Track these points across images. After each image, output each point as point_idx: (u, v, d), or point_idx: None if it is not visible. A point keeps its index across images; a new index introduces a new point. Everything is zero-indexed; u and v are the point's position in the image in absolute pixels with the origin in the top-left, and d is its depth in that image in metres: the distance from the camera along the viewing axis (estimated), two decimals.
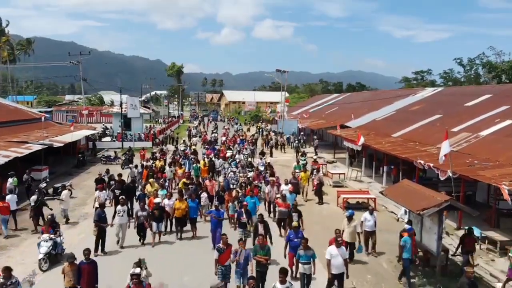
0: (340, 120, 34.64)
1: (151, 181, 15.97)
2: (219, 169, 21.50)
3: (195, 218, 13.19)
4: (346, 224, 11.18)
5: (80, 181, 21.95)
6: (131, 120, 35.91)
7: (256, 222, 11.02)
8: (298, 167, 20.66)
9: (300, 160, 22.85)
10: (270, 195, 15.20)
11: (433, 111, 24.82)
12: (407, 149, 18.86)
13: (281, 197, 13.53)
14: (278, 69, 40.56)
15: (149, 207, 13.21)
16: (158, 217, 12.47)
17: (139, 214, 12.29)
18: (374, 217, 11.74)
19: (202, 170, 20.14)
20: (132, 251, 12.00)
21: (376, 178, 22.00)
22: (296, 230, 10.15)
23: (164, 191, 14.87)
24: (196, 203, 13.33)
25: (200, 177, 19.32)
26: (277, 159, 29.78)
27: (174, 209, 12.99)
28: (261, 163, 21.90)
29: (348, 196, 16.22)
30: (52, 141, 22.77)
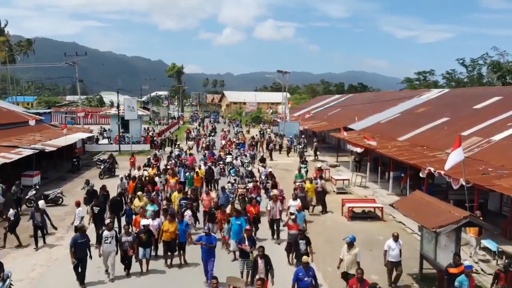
0: (343, 122, 33.73)
1: (139, 195, 13.72)
2: (217, 178, 19.81)
3: (183, 242, 11.07)
4: (346, 251, 9.49)
5: (73, 187, 21.09)
6: (129, 122, 35.05)
7: (256, 257, 9.13)
8: (300, 176, 18.87)
9: (301, 168, 20.93)
10: (273, 212, 12.86)
11: (440, 114, 23.89)
12: (414, 154, 17.95)
13: (290, 216, 11.74)
14: (280, 70, 39.71)
15: (135, 227, 11.51)
16: (145, 242, 10.51)
17: (123, 239, 10.25)
18: (399, 244, 9.92)
19: (195, 179, 17.94)
20: (117, 283, 10.35)
21: (382, 184, 21.09)
22: (306, 266, 8.43)
23: (154, 206, 12.75)
24: (185, 224, 11.23)
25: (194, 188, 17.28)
26: (278, 163, 28.89)
27: (162, 231, 10.93)
28: (265, 171, 19.47)
29: (353, 205, 15.31)
30: (44, 145, 21.96)
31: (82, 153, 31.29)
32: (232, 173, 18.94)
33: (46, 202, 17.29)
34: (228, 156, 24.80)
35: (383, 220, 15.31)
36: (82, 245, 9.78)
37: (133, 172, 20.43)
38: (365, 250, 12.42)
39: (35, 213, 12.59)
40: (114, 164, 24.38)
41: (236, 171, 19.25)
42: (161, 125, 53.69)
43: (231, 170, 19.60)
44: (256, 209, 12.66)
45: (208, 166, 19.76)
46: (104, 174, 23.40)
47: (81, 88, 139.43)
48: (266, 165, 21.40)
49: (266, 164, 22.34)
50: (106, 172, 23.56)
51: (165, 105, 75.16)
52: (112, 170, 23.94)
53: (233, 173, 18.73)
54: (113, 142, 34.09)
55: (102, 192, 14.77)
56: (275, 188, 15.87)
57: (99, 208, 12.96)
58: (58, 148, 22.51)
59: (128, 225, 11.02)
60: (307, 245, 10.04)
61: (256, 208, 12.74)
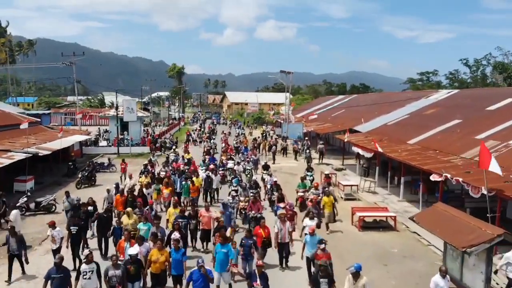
0: (348, 124, 32.76)
1: (128, 211, 11.51)
2: (217, 187, 17.95)
3: (180, 275, 9.01)
4: (352, 283, 7.71)
5: (91, 187, 20.36)
6: (128, 123, 34.14)
7: None
8: (303, 185, 16.86)
9: (306, 176, 19.03)
10: (281, 235, 10.54)
11: (451, 116, 22.88)
12: (427, 159, 16.96)
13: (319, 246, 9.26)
14: (283, 70, 38.73)
15: (119, 254, 9.49)
16: (133, 275, 8.54)
17: (110, 273, 8.27)
18: (447, 281, 7.93)
19: (191, 189, 16.16)
20: None
21: (392, 189, 20.10)
22: None
23: (147, 225, 10.78)
24: (182, 253, 9.15)
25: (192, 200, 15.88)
26: (281, 166, 27.92)
27: (150, 261, 8.88)
28: (270, 180, 17.46)
29: (364, 214, 14.33)
30: (39, 149, 21.02)
31: (80, 156, 30.41)
32: (234, 182, 16.96)
33: (38, 209, 16.58)
34: (229, 162, 23.21)
35: (396, 230, 14.34)
36: (58, 282, 8.04)
37: (125, 181, 18.49)
38: (379, 265, 11.50)
39: (10, 239, 10.37)
40: (94, 171, 22.04)
41: (239, 180, 17.40)
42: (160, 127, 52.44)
43: (233, 180, 17.53)
44: (266, 231, 10.55)
45: (206, 175, 17.76)
46: (82, 183, 20.94)
47: (82, 89, 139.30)
48: (271, 173, 19.46)
49: (271, 171, 20.25)
50: (85, 180, 21.10)
51: (166, 106, 74.30)
52: (92, 178, 21.62)
53: (235, 183, 16.78)
54: (112, 144, 33.18)
55: (84, 208, 12.39)
56: (282, 201, 14.07)
57: (77, 227, 10.89)
58: (53, 151, 21.55)
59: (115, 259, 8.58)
60: (330, 284, 7.99)
61: (266, 230, 10.61)
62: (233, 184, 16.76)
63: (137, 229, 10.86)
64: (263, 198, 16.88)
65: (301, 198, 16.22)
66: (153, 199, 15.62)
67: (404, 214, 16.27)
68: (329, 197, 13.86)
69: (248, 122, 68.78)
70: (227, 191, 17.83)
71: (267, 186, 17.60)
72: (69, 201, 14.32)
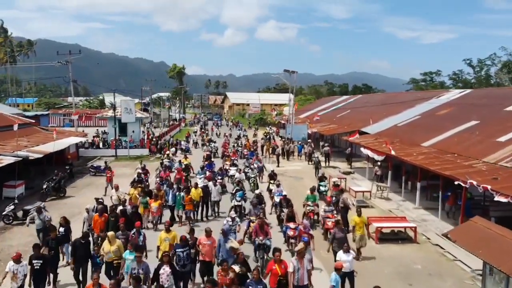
0: (355, 125, 31.51)
1: (109, 236, 9.33)
2: (217, 200, 15.51)
3: None
4: None
5: (60, 199, 18.89)
6: (127, 125, 32.93)
7: None
8: (312, 197, 14.34)
9: (320, 186, 17.04)
10: (299, 275, 8.04)
11: (467, 117, 21.60)
12: (447, 164, 15.68)
13: None
14: (286, 70, 37.47)
15: None
16: None
17: None
18: None
19: (186, 201, 14.16)
20: None
21: (406, 195, 18.82)
22: None
23: (133, 253, 8.61)
24: None
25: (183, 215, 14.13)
26: (286, 170, 26.66)
27: None
28: (278, 191, 15.30)
29: (382, 225, 13.05)
30: (30, 152, 19.82)
31: (76, 159, 29.21)
32: (237, 196, 14.54)
33: (26, 218, 15.33)
34: (232, 169, 21.14)
35: (416, 242, 13.06)
36: None
37: (111, 192, 15.90)
38: (403, 284, 10.24)
39: None
40: (62, 181, 19.48)
41: (244, 194, 14.97)
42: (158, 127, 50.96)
43: (237, 193, 15.02)
44: (282, 267, 8.10)
45: (204, 185, 15.63)
46: (47, 195, 18.12)
47: (83, 90, 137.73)
48: (279, 183, 16.50)
49: (279, 181, 17.09)
50: (51, 192, 18.40)
51: (167, 107, 73.10)
52: (60, 189, 18.99)
53: (238, 197, 14.44)
54: (110, 147, 31.97)
55: (53, 234, 9.94)
56: (293, 219, 11.90)
57: (41, 261, 8.65)
58: (45, 154, 20.32)
59: None
60: None
61: (283, 265, 8.13)
62: (237, 198, 14.40)
63: (122, 259, 8.86)
64: (269, 212, 15.17)
65: (312, 213, 14.03)
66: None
67: (422, 224, 15.03)
68: (361, 216, 11.47)
69: (250, 123, 67.46)
70: (228, 202, 16.04)
71: (274, 198, 15.44)
72: (41, 218, 12.01)
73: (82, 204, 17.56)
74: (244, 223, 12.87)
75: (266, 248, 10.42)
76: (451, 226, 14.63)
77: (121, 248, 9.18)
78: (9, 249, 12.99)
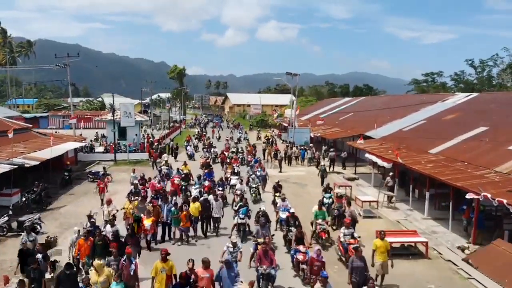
0: (358, 129, 30.95)
1: (96, 266, 8.51)
2: (218, 217, 13.98)
3: None
4: None
5: (57, 208, 18.28)
6: (126, 128, 32.37)
7: None
8: (321, 214, 13.25)
9: (324, 198, 15.82)
10: None
11: (475, 122, 21.02)
12: (457, 173, 15.10)
13: None
14: (289, 72, 36.93)
15: None
16: None
17: None
18: None
19: (181, 217, 12.87)
20: None
21: (413, 203, 18.23)
22: None
23: (120, 285, 7.98)
24: None
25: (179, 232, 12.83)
26: (289, 175, 26.09)
27: None
28: (283, 206, 14.00)
29: (392, 240, 12.40)
30: (26, 158, 19.24)
31: (75, 164, 28.63)
32: (241, 214, 13.06)
33: (21, 230, 14.74)
34: (233, 178, 19.66)
35: (427, 257, 12.47)
36: None
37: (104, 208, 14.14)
38: None
39: None
40: (43, 193, 18.12)
41: (247, 210, 13.45)
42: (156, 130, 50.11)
43: (240, 210, 13.47)
44: None
45: (204, 198, 14.15)
46: (27, 208, 16.42)
47: (83, 90, 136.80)
48: (284, 197, 15.04)
49: (284, 195, 15.48)
50: (30, 205, 16.86)
51: (167, 108, 72.52)
52: (42, 201, 17.54)
53: (242, 214, 12.95)
54: (109, 151, 31.39)
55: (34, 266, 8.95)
56: (301, 241, 10.89)
57: None
58: (42, 162, 19.74)
59: None
60: None
61: None
62: (240, 216, 12.89)
63: None
64: (275, 227, 13.88)
65: (324, 233, 12.73)
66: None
67: (432, 236, 14.44)
68: (383, 240, 10.20)
69: (251, 125, 66.75)
70: (229, 215, 14.71)
71: (279, 213, 14.13)
72: (30, 240, 10.81)
73: (80, 213, 17.04)
74: (250, 244, 11.72)
75: (270, 278, 9.55)
76: (463, 239, 14.07)
77: (110, 278, 8.31)
78: (1, 264, 12.44)
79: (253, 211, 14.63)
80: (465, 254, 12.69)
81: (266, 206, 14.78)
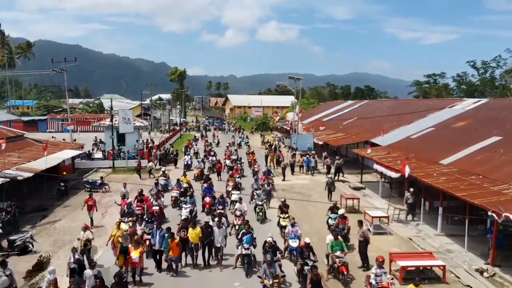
0: (364, 135, 30.16)
1: None
2: (220, 246, 11.87)
3: None
4: None
5: (51, 223, 17.45)
6: (125, 134, 31.52)
7: None
8: (338, 244, 11.19)
9: (329, 219, 14.57)
10: None
11: (487, 131, 20.14)
12: (473, 188, 14.24)
13: None
14: (291, 76, 36.01)
15: None
16: None
17: None
18: None
19: (171, 246, 11.15)
20: None
21: (424, 216, 17.38)
22: None
23: None
24: None
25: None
26: (292, 184, 25.31)
27: None
28: (292, 232, 12.28)
29: (406, 263, 11.59)
30: (19, 170, 18.44)
31: (72, 171, 27.82)
32: (245, 243, 11.22)
33: (12, 249, 13.96)
34: (234, 192, 17.76)
35: (445, 282, 11.63)
36: None
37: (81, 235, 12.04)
38: None
39: None
40: (15, 214, 15.98)
41: (253, 238, 11.49)
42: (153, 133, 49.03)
43: (243, 238, 11.50)
44: None
45: (205, 223, 12.18)
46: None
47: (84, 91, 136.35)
48: (294, 221, 12.80)
49: (294, 219, 13.23)
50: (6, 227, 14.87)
51: (167, 110, 71.71)
52: (11, 221, 15.55)
53: (246, 244, 11.17)
54: (107, 157, 30.57)
55: None
56: (318, 285, 9.42)
57: None
58: (36, 173, 18.91)
59: None
60: None
61: None
62: (244, 246, 11.14)
63: None
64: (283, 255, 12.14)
65: (344, 267, 10.87)
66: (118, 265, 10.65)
67: (448, 256, 13.60)
68: (418, 286, 8.93)
69: (252, 128, 65.83)
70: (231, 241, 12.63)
71: (288, 241, 12.32)
72: (6, 274, 9.45)
73: (75, 228, 16.23)
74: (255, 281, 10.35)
75: None
76: (480, 260, 13.26)
77: None
78: None
79: (258, 231, 13.34)
80: (484, 278, 11.93)
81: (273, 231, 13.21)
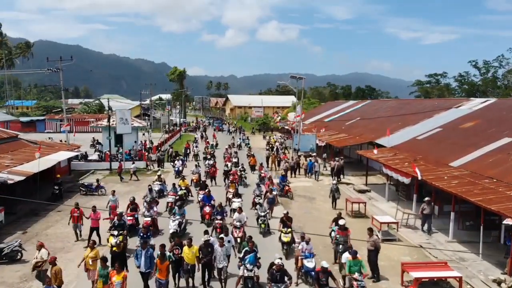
0: (368, 136, 29.38)
1: None
2: (222, 267, 10.43)
3: None
4: None
5: (42, 229, 16.67)
6: (122, 135, 30.75)
7: None
8: (357, 264, 10.16)
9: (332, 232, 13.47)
10: None
11: (497, 132, 19.38)
12: (488, 193, 13.47)
13: None
14: (293, 76, 35.27)
15: None
16: None
17: None
18: None
19: (159, 267, 9.72)
20: None
21: (434, 221, 16.57)
22: None
23: None
24: None
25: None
26: (295, 186, 24.44)
27: None
28: (306, 250, 10.96)
29: (420, 274, 10.78)
30: (11, 173, 17.66)
31: (68, 173, 27.05)
32: (248, 263, 9.90)
33: (0, 258, 13.20)
34: (235, 200, 16.54)
35: None
36: None
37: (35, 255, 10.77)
38: None
39: None
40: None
41: (256, 258, 10.09)
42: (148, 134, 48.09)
43: (246, 257, 10.15)
44: None
45: (205, 241, 10.64)
46: None
47: (84, 91, 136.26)
48: (309, 239, 11.31)
49: (304, 234, 11.73)
50: None
51: (167, 110, 70.92)
52: None
53: (249, 264, 9.86)
54: (104, 159, 29.82)
55: None
56: None
57: None
58: (28, 176, 18.13)
59: None
60: None
61: None
62: (247, 266, 9.82)
63: None
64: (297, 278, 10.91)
65: None
66: None
67: (462, 265, 12.81)
68: None
69: (253, 129, 64.99)
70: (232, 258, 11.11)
71: (302, 261, 10.87)
72: None
73: (67, 235, 15.49)
74: None
75: None
76: (496, 269, 12.48)
77: None
78: None
79: (261, 246, 11.92)
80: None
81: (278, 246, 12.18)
